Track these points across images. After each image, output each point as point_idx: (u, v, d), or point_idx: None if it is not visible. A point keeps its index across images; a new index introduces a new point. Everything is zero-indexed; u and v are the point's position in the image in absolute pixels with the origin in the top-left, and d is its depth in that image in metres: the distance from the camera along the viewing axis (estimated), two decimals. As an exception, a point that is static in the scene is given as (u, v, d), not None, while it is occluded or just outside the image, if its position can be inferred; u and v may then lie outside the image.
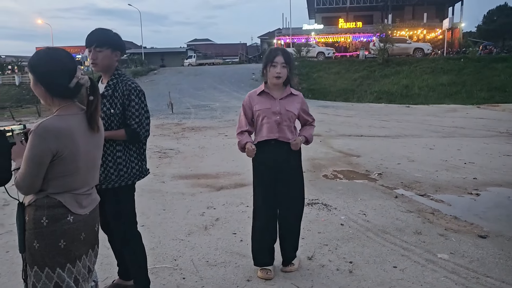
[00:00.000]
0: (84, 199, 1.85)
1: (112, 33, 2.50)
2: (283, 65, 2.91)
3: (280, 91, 3.02)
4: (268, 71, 2.95)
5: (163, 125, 12.68)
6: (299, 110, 3.06)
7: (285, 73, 2.94)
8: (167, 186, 5.80)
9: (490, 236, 3.83)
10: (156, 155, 7.97)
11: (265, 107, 2.97)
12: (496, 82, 22.15)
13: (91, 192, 1.91)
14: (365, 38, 36.52)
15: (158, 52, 52.34)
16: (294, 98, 3.04)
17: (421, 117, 14.06)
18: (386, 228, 4.06)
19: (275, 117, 2.94)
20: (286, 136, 2.98)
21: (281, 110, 2.95)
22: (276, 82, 2.95)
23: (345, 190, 5.40)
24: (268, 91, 3.02)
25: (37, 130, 1.67)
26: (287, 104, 2.99)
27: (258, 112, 2.99)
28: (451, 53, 31.55)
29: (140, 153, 2.63)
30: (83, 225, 1.84)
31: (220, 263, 3.36)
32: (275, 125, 2.95)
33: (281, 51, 2.97)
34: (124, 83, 2.49)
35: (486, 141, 9.07)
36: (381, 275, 3.10)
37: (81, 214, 1.82)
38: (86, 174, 1.85)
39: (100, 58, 2.44)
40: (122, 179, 2.51)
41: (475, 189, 5.38)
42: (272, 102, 2.98)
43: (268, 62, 2.95)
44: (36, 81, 1.78)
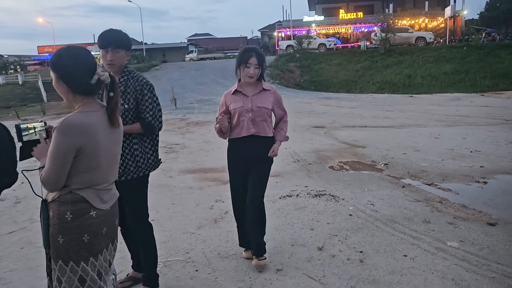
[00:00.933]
0: (105, 194, 1.89)
1: (124, 34, 2.59)
2: (256, 66, 3.00)
3: (252, 88, 3.11)
4: (242, 71, 3.04)
5: (167, 120, 12.70)
6: (272, 103, 3.13)
7: (258, 73, 3.04)
8: (175, 180, 5.84)
9: (499, 224, 3.84)
10: (162, 150, 7.99)
11: (238, 106, 3.07)
12: (500, 69, 22.04)
13: (111, 188, 1.96)
14: (366, 28, 36.27)
15: (159, 48, 52.27)
16: (266, 93, 3.13)
17: (425, 106, 14.02)
18: (395, 217, 4.07)
19: (248, 115, 3.05)
20: (263, 130, 3.09)
21: (253, 107, 3.05)
22: (249, 81, 3.05)
23: (352, 181, 5.41)
24: (241, 89, 3.11)
25: (61, 126, 1.71)
26: (259, 101, 3.08)
27: (233, 111, 3.09)
28: (453, 41, 31.34)
29: (154, 144, 2.75)
30: (105, 219, 1.88)
31: (232, 255, 3.39)
32: (250, 122, 3.05)
33: (254, 52, 3.03)
34: (135, 79, 2.60)
35: (492, 129, 9.05)
36: (392, 264, 3.12)
37: (103, 209, 1.86)
38: (107, 169, 1.88)
39: (117, 59, 2.53)
40: (140, 170, 2.63)
41: (482, 177, 5.39)
42: (244, 100, 3.08)
43: (241, 63, 3.02)
44: (58, 79, 1.82)
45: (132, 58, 39.47)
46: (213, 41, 61.88)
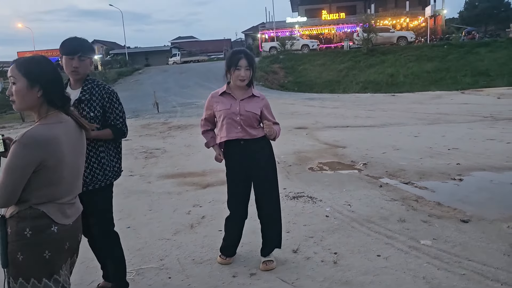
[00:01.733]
0: (68, 209, 1.83)
1: (89, 43, 2.60)
2: (246, 68, 2.94)
3: (242, 92, 3.04)
4: (232, 74, 2.96)
5: (149, 125, 12.61)
6: (261, 109, 3.05)
7: (249, 76, 2.97)
8: (154, 186, 5.78)
9: (472, 220, 3.89)
10: (142, 156, 7.93)
11: (225, 108, 3.00)
12: (480, 67, 22.44)
13: (75, 201, 1.90)
14: (349, 28, 36.55)
15: (142, 52, 51.89)
16: (256, 99, 3.07)
17: (407, 105, 14.17)
18: (371, 217, 4.09)
19: (236, 118, 2.98)
20: (251, 133, 3.02)
21: (240, 111, 2.98)
22: (240, 84, 2.98)
23: (330, 182, 5.43)
24: (230, 91, 3.04)
25: (22, 139, 1.65)
26: (247, 105, 3.01)
27: (219, 113, 3.03)
28: (434, 40, 31.79)
29: (118, 151, 2.76)
30: (68, 235, 1.83)
31: (206, 260, 3.37)
32: (237, 125, 2.99)
33: (244, 54, 2.98)
34: (100, 87, 2.59)
35: (471, 126, 9.18)
36: (365, 264, 3.13)
37: (66, 224, 1.80)
38: (70, 183, 1.83)
39: (83, 67, 2.52)
40: (107, 178, 2.62)
41: (458, 175, 5.45)
42: (232, 103, 3.01)
43: (231, 66, 2.95)
44: (31, 86, 1.74)
45: (115, 62, 39.19)
46: (197, 43, 61.69)
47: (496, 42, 26.01)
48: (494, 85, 19.06)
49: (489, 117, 10.18)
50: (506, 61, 21.96)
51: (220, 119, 3.03)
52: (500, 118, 9.98)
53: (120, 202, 5.06)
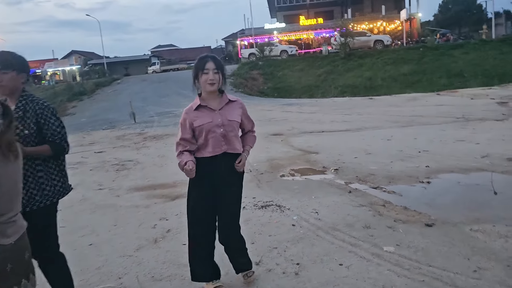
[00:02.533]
0: (8, 228, 1.74)
1: (17, 56, 2.48)
2: (215, 71, 2.74)
3: (217, 101, 2.84)
4: (200, 79, 2.76)
5: (124, 135, 12.43)
6: (241, 115, 2.92)
7: (218, 79, 2.77)
8: (122, 199, 5.66)
9: (436, 224, 3.89)
10: (113, 168, 7.78)
11: (206, 122, 2.77)
12: (455, 68, 22.83)
13: (15, 219, 1.81)
14: (327, 33, 36.88)
15: (121, 61, 51.42)
16: (233, 105, 2.89)
17: (383, 108, 14.30)
18: (337, 225, 4.06)
19: (219, 130, 2.78)
20: (235, 147, 2.85)
21: (223, 122, 2.79)
22: (210, 89, 2.76)
23: (301, 189, 5.40)
24: (205, 103, 2.81)
25: None
26: (228, 114, 2.84)
27: (199, 128, 2.77)
28: (411, 43, 32.29)
29: (61, 169, 2.60)
30: (9, 255, 1.73)
31: (166, 277, 3.28)
32: (221, 138, 2.79)
33: (210, 58, 2.80)
34: (34, 103, 2.47)
35: (443, 127, 9.30)
36: (327, 275, 3.09)
37: (5, 244, 1.72)
38: (7, 200, 1.74)
39: (6, 81, 2.38)
40: (47, 198, 2.46)
41: (426, 177, 5.48)
42: (212, 115, 2.79)
43: (198, 71, 2.76)
44: None
45: (93, 72, 38.72)
46: (177, 52, 61.50)
47: (469, 44, 26.58)
48: (468, 86, 19.40)
49: (461, 118, 10.33)
50: (479, 62, 22.42)
51: (202, 135, 2.77)
52: (471, 118, 10.13)
53: (85, 218, 4.97)
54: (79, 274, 3.41)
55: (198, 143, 2.82)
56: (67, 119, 19.67)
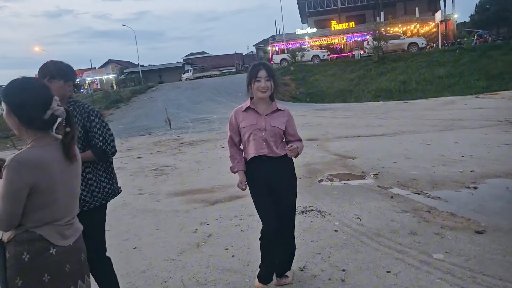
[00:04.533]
0: (66, 230, 1.82)
1: (64, 64, 2.57)
2: (267, 79, 2.88)
3: (265, 106, 2.97)
4: (253, 87, 2.92)
5: (161, 141, 12.66)
6: (286, 124, 2.99)
7: (270, 87, 2.90)
8: (162, 204, 5.75)
9: (487, 231, 3.73)
10: (152, 173, 7.93)
11: (250, 124, 2.93)
12: (493, 70, 22.00)
13: (73, 222, 1.88)
14: (359, 37, 36.49)
15: (155, 69, 52.66)
16: (280, 113, 3.00)
17: (419, 112, 13.95)
18: (381, 231, 3.97)
19: (261, 134, 2.91)
20: (275, 151, 2.93)
21: (266, 126, 2.92)
22: (262, 96, 2.90)
23: (340, 194, 5.32)
24: (253, 107, 2.97)
25: (11, 163, 1.65)
26: (272, 120, 2.95)
27: (244, 129, 2.96)
28: (446, 45, 31.43)
29: (109, 172, 2.69)
30: (68, 256, 1.80)
31: (211, 281, 3.29)
32: (262, 141, 2.91)
33: (263, 65, 2.95)
34: (81, 107, 2.58)
35: (485, 131, 8.96)
36: (374, 282, 3.02)
37: (65, 246, 1.79)
38: (66, 204, 1.82)
39: (54, 89, 2.47)
40: (96, 200, 2.56)
41: (472, 183, 5.28)
42: (258, 118, 2.94)
43: (251, 78, 2.92)
44: (9, 111, 1.77)
45: (129, 81, 39.80)
46: (209, 59, 62.33)
47: (508, 45, 25.56)
48: (508, 88, 18.66)
49: (503, 121, 9.93)
50: (520, 63, 21.51)
51: (246, 136, 2.96)
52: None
53: (127, 222, 5.07)
54: (125, 277, 3.48)
55: (243, 144, 3.03)
56: (105, 126, 20.26)
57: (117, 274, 3.53)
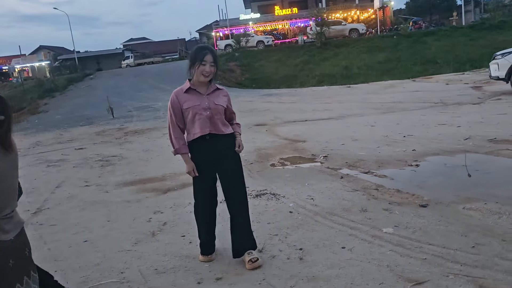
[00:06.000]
0: (5, 224, 1.71)
1: None
2: (212, 64, 2.95)
3: (205, 87, 3.07)
4: (197, 69, 2.95)
5: (104, 131, 12.18)
6: (226, 102, 3.14)
7: (213, 72, 3.00)
8: (111, 195, 5.55)
9: (430, 204, 3.98)
10: (97, 164, 7.62)
11: (194, 104, 3.00)
12: (428, 55, 23.34)
13: (12, 215, 1.77)
14: (302, 23, 37.02)
15: (93, 56, 50.22)
16: (220, 92, 3.13)
17: (362, 95, 14.49)
18: (334, 209, 4.11)
19: (206, 113, 2.99)
20: (220, 128, 3.06)
21: (210, 105, 3.01)
22: (204, 80, 2.99)
23: (292, 177, 5.43)
24: (194, 87, 3.04)
25: None
26: (215, 99, 3.06)
27: (188, 110, 3.01)
28: (384, 31, 32.75)
29: None
30: (10, 251, 1.70)
31: (170, 269, 3.25)
32: (207, 120, 3.00)
33: (209, 50, 3.00)
34: None
35: (423, 112, 9.50)
36: (331, 258, 3.13)
37: (5, 240, 1.69)
38: (4, 196, 1.70)
39: None
40: None
41: (415, 161, 5.60)
42: (200, 98, 3.02)
43: (196, 61, 2.95)
44: None
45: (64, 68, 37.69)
46: (150, 45, 60.41)
47: (440, 31, 27.19)
48: (442, 72, 19.87)
49: (439, 103, 10.58)
50: (451, 49, 22.97)
51: (190, 116, 3.00)
52: (449, 103, 10.39)
53: (75, 215, 4.86)
54: (78, 271, 3.35)
55: (186, 125, 3.07)
56: (41, 117, 19.14)
57: (69, 269, 3.42)
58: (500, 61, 10.44)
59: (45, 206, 5.36)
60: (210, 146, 3.04)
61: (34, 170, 7.74)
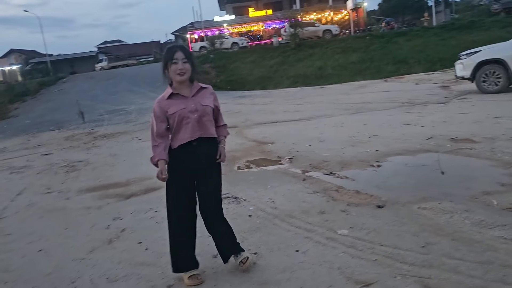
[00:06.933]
0: None
1: None
2: (184, 61, 2.77)
3: (188, 89, 2.86)
4: (170, 70, 2.78)
5: (73, 136, 11.94)
6: (213, 102, 2.94)
7: (188, 69, 2.79)
8: (72, 202, 5.44)
9: (387, 205, 4.03)
10: (62, 170, 7.46)
11: (180, 108, 2.79)
12: (400, 55, 23.70)
13: None
14: (277, 24, 37.16)
15: (66, 59, 49.24)
16: (205, 91, 2.93)
17: (333, 96, 14.63)
18: (293, 212, 4.12)
19: (193, 116, 2.80)
20: (209, 131, 2.88)
21: (197, 107, 2.82)
22: (180, 79, 2.78)
23: (256, 180, 5.42)
24: (177, 91, 2.84)
25: None
26: (201, 99, 2.86)
27: (173, 116, 2.80)
28: (358, 32, 33.20)
29: None
30: None
31: (122, 277, 3.19)
32: (196, 123, 2.81)
33: (179, 48, 2.83)
34: None
35: (390, 112, 9.65)
36: (284, 261, 3.13)
37: None
38: None
39: None
40: None
41: (377, 161, 5.67)
42: (185, 102, 2.82)
43: (167, 61, 2.78)
44: None
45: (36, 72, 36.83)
46: (125, 47, 59.64)
47: (412, 31, 27.69)
48: (413, 71, 20.24)
49: (407, 103, 10.76)
50: (422, 49, 23.40)
51: (176, 122, 2.80)
52: (417, 102, 10.59)
53: (32, 224, 4.74)
54: (27, 282, 3.27)
55: (173, 131, 2.86)
56: (10, 122, 18.64)
57: (19, 280, 3.32)
58: (465, 61, 10.69)
59: (3, 214, 5.21)
60: (194, 153, 2.85)
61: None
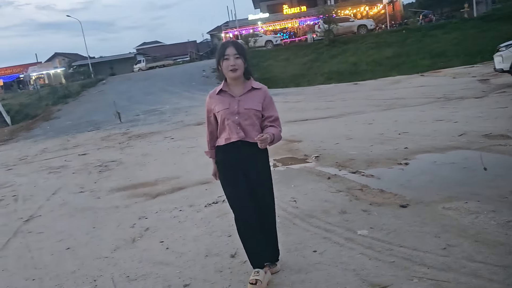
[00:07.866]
0: None
1: None
2: (236, 56, 2.71)
3: (240, 87, 2.80)
4: (222, 66, 2.74)
5: (109, 136, 12.35)
6: (263, 104, 2.80)
7: (241, 64, 2.73)
8: (102, 201, 5.63)
9: (410, 205, 3.91)
10: (96, 170, 7.73)
11: (223, 108, 2.76)
12: (437, 49, 22.88)
13: None
14: (311, 21, 36.82)
15: (106, 61, 50.86)
16: (255, 93, 2.81)
17: (366, 92, 14.33)
18: (313, 212, 4.07)
19: (234, 118, 2.74)
20: (251, 135, 2.75)
21: (239, 110, 2.74)
22: (232, 76, 2.73)
23: (280, 178, 5.39)
24: (227, 89, 2.81)
25: None
26: (246, 102, 2.76)
27: (218, 114, 2.80)
28: (394, 26, 32.33)
29: None
30: None
31: (141, 276, 3.27)
32: (235, 126, 2.75)
33: (231, 43, 2.79)
34: None
35: (423, 108, 9.34)
36: (300, 262, 3.10)
37: None
38: None
39: None
40: None
41: (404, 159, 5.50)
42: (230, 101, 2.77)
43: (220, 57, 2.75)
44: None
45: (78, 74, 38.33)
46: (162, 48, 60.94)
47: (450, 24, 26.69)
48: (451, 65, 19.46)
49: (442, 98, 10.38)
50: (460, 41, 22.49)
51: (221, 121, 2.79)
52: (452, 97, 10.19)
53: (63, 223, 4.94)
54: (53, 279, 3.42)
55: (219, 129, 2.86)
56: (52, 123, 19.50)
57: (46, 277, 3.48)
58: (504, 53, 10.18)
59: (38, 213, 5.47)
60: (236, 155, 2.80)
61: (35, 177, 7.91)
